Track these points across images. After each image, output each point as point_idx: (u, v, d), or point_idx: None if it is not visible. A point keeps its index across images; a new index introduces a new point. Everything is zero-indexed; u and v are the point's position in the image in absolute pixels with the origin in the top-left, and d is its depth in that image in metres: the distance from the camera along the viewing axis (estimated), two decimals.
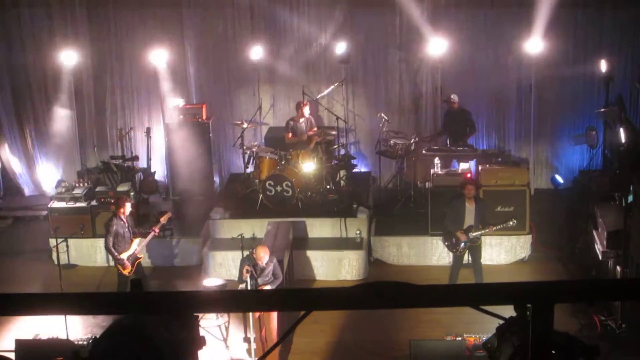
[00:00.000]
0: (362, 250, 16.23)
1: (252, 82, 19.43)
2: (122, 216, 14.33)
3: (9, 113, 19.98)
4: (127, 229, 14.37)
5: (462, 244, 14.68)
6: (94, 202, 16.95)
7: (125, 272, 14.27)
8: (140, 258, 14.59)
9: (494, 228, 14.73)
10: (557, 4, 18.11)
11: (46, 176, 20.20)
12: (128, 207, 14.44)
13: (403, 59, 19.27)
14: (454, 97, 18.23)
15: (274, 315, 12.86)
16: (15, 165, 20.24)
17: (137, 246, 14.39)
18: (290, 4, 19.15)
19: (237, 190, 18.03)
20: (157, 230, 14.59)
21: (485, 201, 15.10)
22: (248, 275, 12.47)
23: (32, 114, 19.98)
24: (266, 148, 17.62)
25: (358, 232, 16.43)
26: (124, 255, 14.26)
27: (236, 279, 13.53)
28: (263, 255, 12.84)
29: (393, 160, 18.36)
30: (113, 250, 14.25)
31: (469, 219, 14.62)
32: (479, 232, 14.64)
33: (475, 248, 14.87)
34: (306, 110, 18.04)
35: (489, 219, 14.85)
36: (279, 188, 16.60)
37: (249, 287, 12.53)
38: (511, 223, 14.75)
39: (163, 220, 14.73)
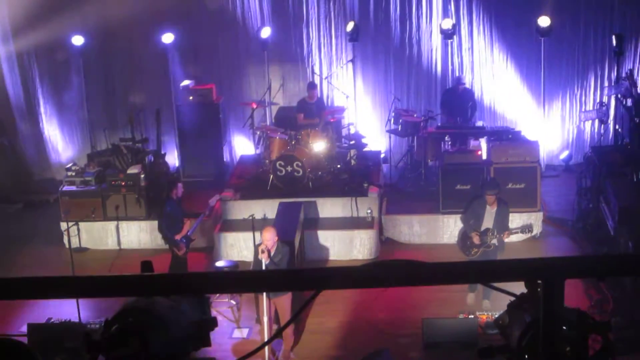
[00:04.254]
0: (373, 229, 16.23)
1: (261, 62, 19.40)
2: (175, 198, 14.36)
3: (18, 97, 20.01)
4: (179, 211, 14.40)
5: (475, 248, 13.88)
6: (104, 185, 16.97)
7: (181, 254, 14.29)
8: (194, 239, 14.62)
9: (509, 235, 13.93)
10: None
11: (56, 160, 20.25)
12: (180, 189, 14.45)
13: (413, 37, 19.20)
14: (464, 78, 18.21)
15: (288, 299, 12.69)
16: (26, 149, 20.28)
17: (188, 227, 14.40)
18: None
19: (248, 171, 18.05)
20: (207, 213, 14.58)
21: (508, 206, 14.07)
22: (264, 255, 12.20)
23: (42, 98, 20.01)
24: (276, 128, 17.60)
25: (369, 211, 16.42)
26: (179, 237, 14.28)
27: (247, 260, 13.42)
28: (269, 238, 12.32)
29: (403, 138, 18.34)
30: (168, 232, 14.25)
31: (488, 222, 13.79)
32: (494, 239, 13.73)
33: (489, 253, 13.87)
34: (315, 93, 17.99)
35: (508, 226, 13.94)
36: (289, 168, 16.59)
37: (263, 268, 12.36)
38: (527, 231, 14.19)
39: (211, 202, 14.67)
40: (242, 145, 19.90)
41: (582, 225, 16.29)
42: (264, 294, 12.33)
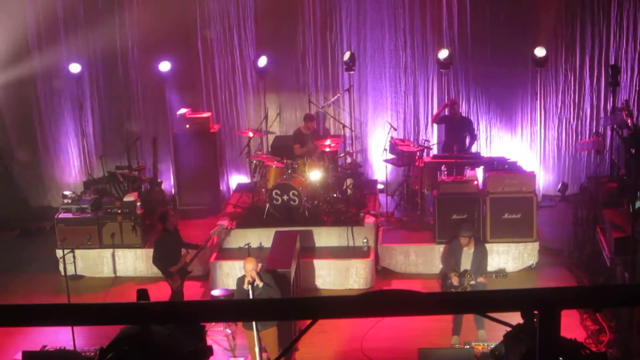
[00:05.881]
0: (369, 258, 16.20)
1: (258, 90, 19.44)
2: (170, 229, 14.25)
3: (15, 125, 20.01)
4: (175, 242, 14.26)
5: (453, 289, 13.42)
6: (100, 213, 16.95)
7: (174, 287, 14.10)
8: (190, 272, 14.43)
9: (485, 278, 13.44)
10: (564, 10, 18.18)
11: (53, 187, 20.22)
12: (173, 218, 14.35)
13: (409, 67, 19.26)
14: (457, 101, 18.28)
15: (274, 332, 12.67)
16: (22, 175, 20.26)
17: (187, 259, 14.25)
18: (295, 12, 19.19)
19: (244, 199, 18.03)
20: (207, 244, 14.43)
21: (485, 248, 13.99)
22: (250, 286, 12.19)
23: (38, 125, 20.01)
24: (272, 157, 17.61)
25: (365, 240, 16.40)
26: (174, 269, 14.07)
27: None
28: (252, 269, 12.35)
29: (400, 167, 18.35)
30: (161, 264, 14.07)
31: (466, 263, 13.60)
32: (472, 281, 13.36)
33: None
34: (312, 124, 18.12)
35: (486, 267, 13.70)
36: (285, 197, 16.59)
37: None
38: (502, 276, 13.56)
39: (212, 233, 14.55)
40: (238, 174, 19.90)
41: (579, 255, 16.27)
42: (254, 326, 12.30)
